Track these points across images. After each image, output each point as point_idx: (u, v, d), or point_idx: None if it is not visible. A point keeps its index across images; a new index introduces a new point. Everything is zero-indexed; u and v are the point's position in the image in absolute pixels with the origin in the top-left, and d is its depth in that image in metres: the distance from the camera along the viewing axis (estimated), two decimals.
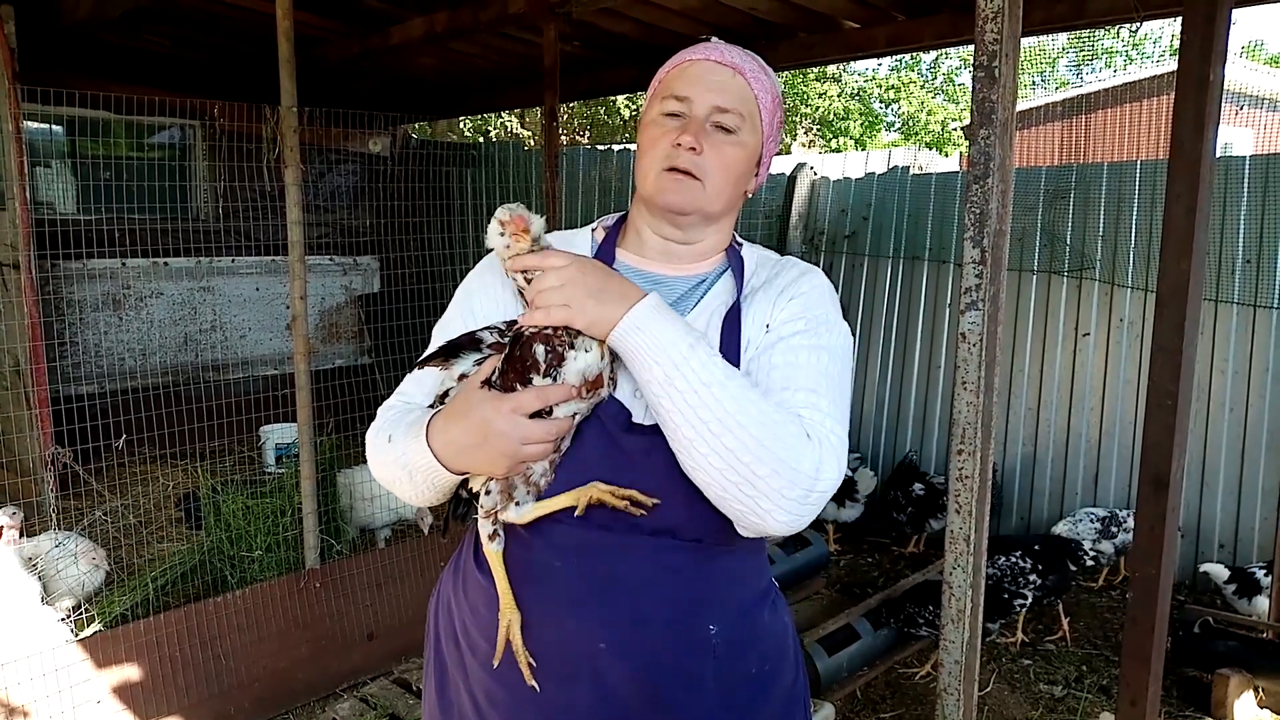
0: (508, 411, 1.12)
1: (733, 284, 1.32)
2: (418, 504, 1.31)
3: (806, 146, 16.34)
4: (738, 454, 1.09)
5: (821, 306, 1.28)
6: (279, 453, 5.51)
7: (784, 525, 1.13)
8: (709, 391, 1.09)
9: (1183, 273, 2.50)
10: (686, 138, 1.24)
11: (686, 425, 1.10)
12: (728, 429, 1.08)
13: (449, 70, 6.20)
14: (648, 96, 1.36)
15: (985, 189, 1.72)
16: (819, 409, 1.17)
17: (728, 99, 1.26)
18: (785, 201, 6.24)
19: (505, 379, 1.15)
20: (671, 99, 1.27)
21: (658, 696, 1.22)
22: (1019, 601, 3.78)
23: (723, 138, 1.26)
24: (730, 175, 1.28)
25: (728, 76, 1.27)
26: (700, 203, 1.27)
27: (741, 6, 4.33)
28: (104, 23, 4.82)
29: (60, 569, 3.50)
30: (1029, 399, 5.32)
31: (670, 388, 1.11)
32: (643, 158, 1.29)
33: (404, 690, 3.50)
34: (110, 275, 6.20)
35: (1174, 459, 2.52)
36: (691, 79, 1.28)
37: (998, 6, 1.68)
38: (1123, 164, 5.04)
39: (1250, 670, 3.41)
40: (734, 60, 1.28)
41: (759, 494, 1.10)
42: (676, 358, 1.11)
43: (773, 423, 1.10)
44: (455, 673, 1.35)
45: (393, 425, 1.26)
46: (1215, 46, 2.43)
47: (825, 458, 1.12)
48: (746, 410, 1.10)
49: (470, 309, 1.33)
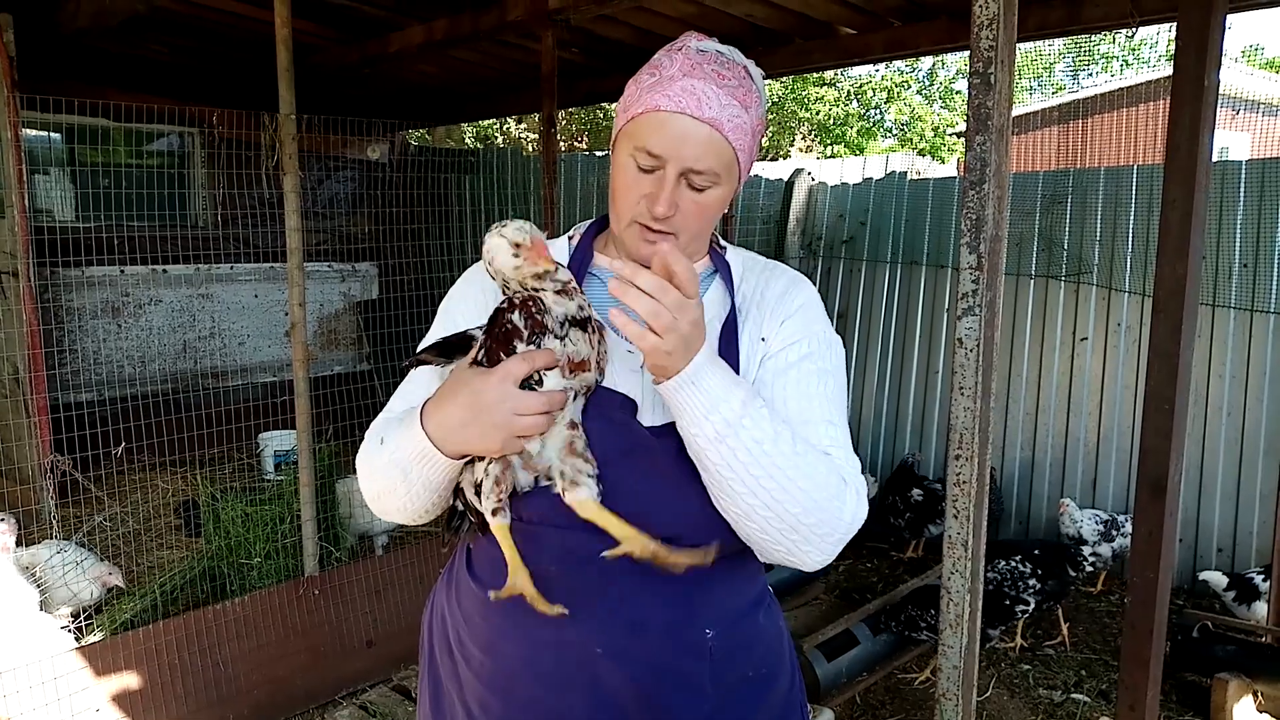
0: (496, 381, 1.11)
1: (723, 291, 1.32)
2: (412, 517, 1.27)
3: (804, 152, 16.38)
4: (786, 505, 1.12)
5: (820, 322, 1.30)
6: (278, 460, 5.51)
7: (817, 564, 1.18)
8: (760, 448, 1.11)
9: (1179, 277, 2.50)
10: (660, 208, 1.19)
11: (736, 480, 1.12)
12: (778, 484, 1.11)
13: (447, 77, 6.21)
14: (617, 120, 1.28)
15: (981, 194, 1.72)
16: (838, 444, 1.21)
17: (704, 161, 1.19)
18: (783, 207, 6.26)
19: (490, 353, 1.15)
20: (644, 152, 1.19)
21: (655, 702, 1.22)
22: (1020, 608, 3.78)
23: (697, 195, 1.22)
24: (706, 220, 1.26)
25: (704, 136, 1.18)
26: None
27: (739, 13, 4.35)
28: (103, 31, 4.83)
29: (65, 577, 3.50)
30: (1027, 404, 5.33)
31: (721, 445, 1.11)
32: (615, 197, 1.25)
33: (403, 698, 3.50)
34: (109, 283, 6.20)
35: (1172, 463, 2.52)
36: (666, 139, 1.18)
37: (993, 13, 1.68)
38: (1119, 169, 5.05)
39: (1249, 674, 3.41)
40: (711, 115, 1.18)
41: (801, 539, 1.15)
42: (730, 416, 1.10)
43: (818, 474, 1.14)
44: (449, 685, 1.34)
45: (383, 430, 1.25)
46: (1210, 51, 2.45)
47: (858, 500, 1.18)
48: (796, 465, 1.12)
49: (454, 324, 1.33)
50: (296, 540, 3.65)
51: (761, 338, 1.27)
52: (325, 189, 7.53)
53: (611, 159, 1.29)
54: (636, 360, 1.25)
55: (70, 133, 6.07)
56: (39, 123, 6.06)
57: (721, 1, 4.20)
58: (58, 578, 3.49)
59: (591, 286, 1.32)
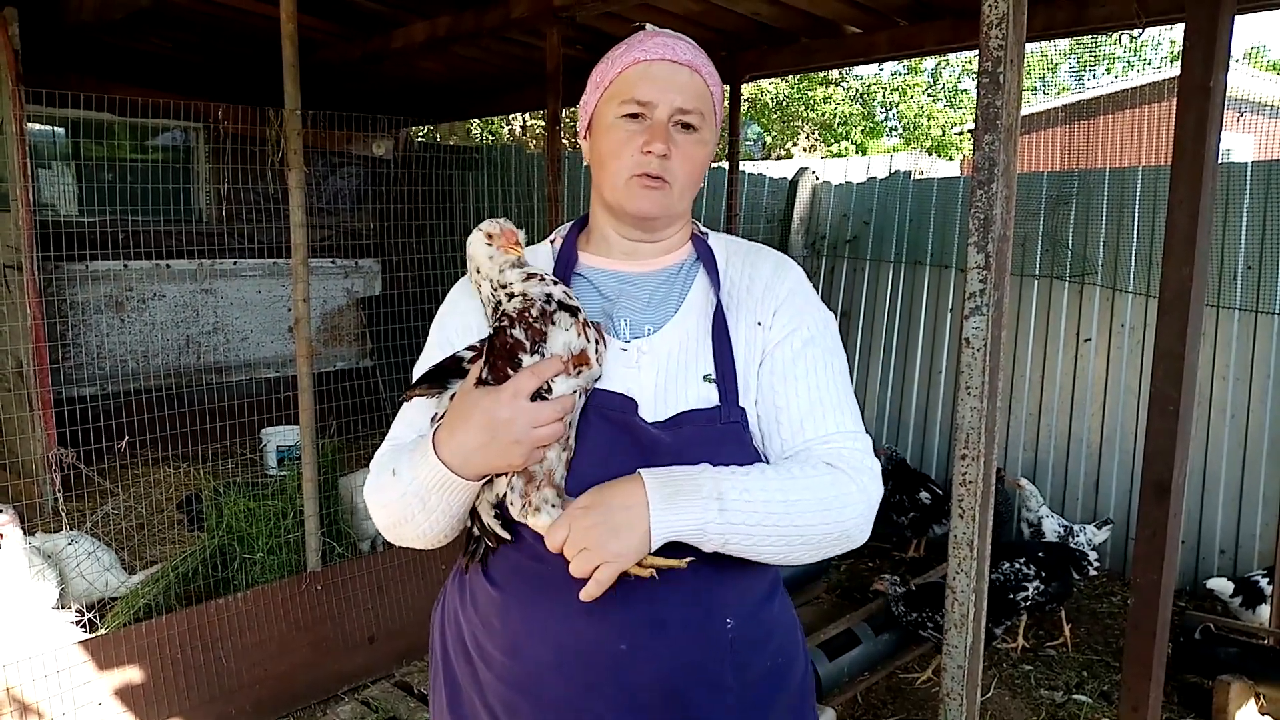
0: (508, 399, 1.12)
1: (707, 282, 1.33)
2: (430, 543, 1.27)
3: (808, 151, 16.36)
4: (806, 541, 1.18)
5: (811, 303, 1.34)
6: (280, 455, 5.51)
7: (858, 543, 1.24)
8: (759, 527, 1.15)
9: (1185, 278, 2.50)
10: (658, 145, 1.24)
11: (753, 553, 1.17)
12: (792, 535, 1.17)
13: (451, 74, 6.21)
14: (592, 95, 1.34)
15: (990, 194, 1.72)
16: (847, 431, 1.25)
17: (689, 100, 1.26)
18: (787, 206, 6.25)
19: (495, 371, 1.15)
20: (632, 102, 1.26)
21: (679, 697, 1.22)
22: (1021, 595, 3.77)
23: (686, 137, 1.27)
24: (696, 175, 1.30)
25: (686, 76, 1.27)
26: (670, 206, 1.29)
27: (744, 11, 4.34)
28: (107, 25, 4.83)
29: (79, 566, 3.51)
30: (1030, 404, 5.32)
31: (725, 545, 1.15)
32: (606, 164, 1.29)
33: (405, 693, 3.50)
34: (113, 277, 6.21)
35: (1176, 465, 2.52)
36: (652, 81, 1.26)
37: (1002, 12, 1.68)
38: (1124, 169, 5.05)
39: (1251, 677, 3.41)
40: (689, 58, 1.28)
41: (828, 549, 1.22)
42: (713, 530, 1.13)
43: (822, 497, 1.18)
44: (468, 687, 1.32)
45: (393, 460, 1.25)
46: (1218, 53, 2.44)
47: (872, 486, 1.22)
48: (800, 511, 1.16)
49: (446, 339, 1.34)
50: (299, 536, 3.66)
51: (758, 322, 1.30)
52: (329, 185, 7.54)
53: (592, 138, 1.33)
54: (631, 358, 1.26)
55: (74, 127, 6.07)
56: (43, 117, 6.07)
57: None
58: (73, 568, 3.50)
59: (579, 287, 1.33)
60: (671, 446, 1.19)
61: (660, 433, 1.21)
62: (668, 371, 1.25)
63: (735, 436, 1.24)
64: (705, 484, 1.14)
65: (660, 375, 1.25)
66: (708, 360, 1.26)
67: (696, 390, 1.24)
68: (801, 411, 1.25)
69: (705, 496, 1.13)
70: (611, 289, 1.33)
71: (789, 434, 1.25)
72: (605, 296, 1.33)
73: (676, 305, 1.31)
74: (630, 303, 1.32)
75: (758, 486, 1.15)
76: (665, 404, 1.23)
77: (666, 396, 1.24)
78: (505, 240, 1.20)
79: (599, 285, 1.34)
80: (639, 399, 1.23)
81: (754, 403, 1.27)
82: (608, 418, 1.21)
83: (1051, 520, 4.48)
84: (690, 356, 1.26)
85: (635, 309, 1.31)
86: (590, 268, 1.35)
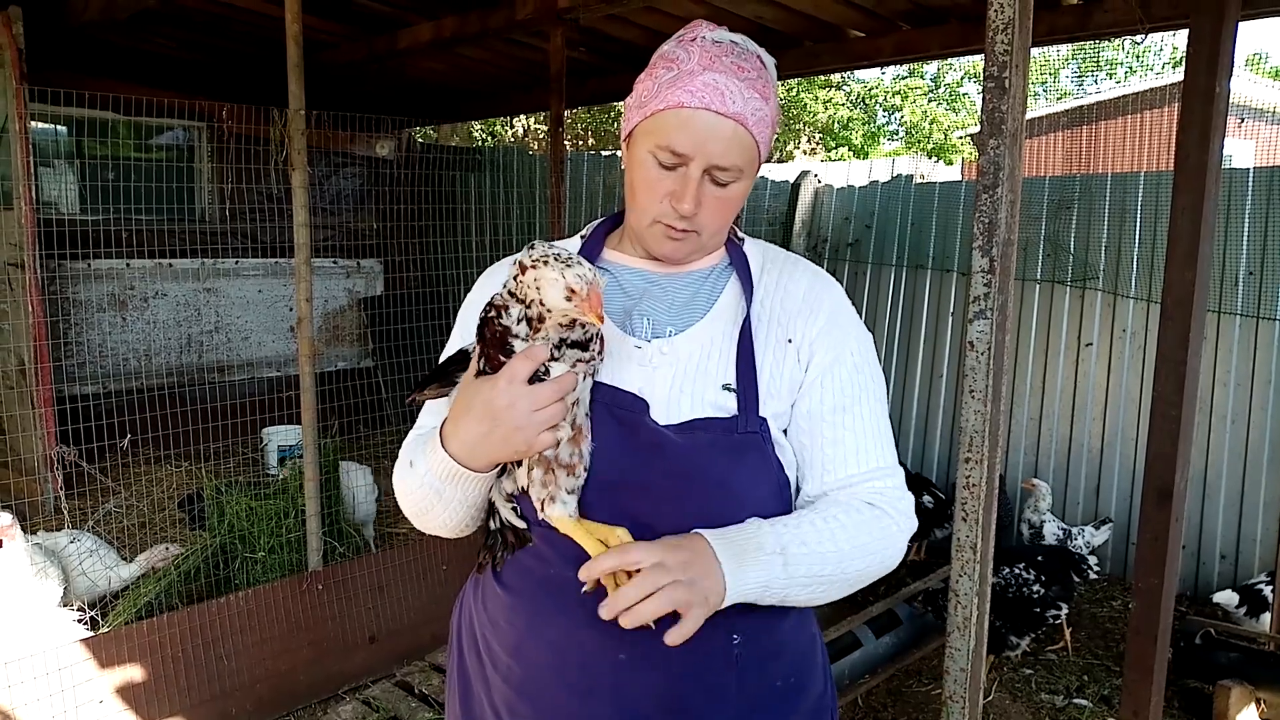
0: (504, 385, 1.09)
1: (738, 290, 1.29)
2: (455, 532, 1.27)
3: (809, 154, 16.37)
4: (853, 584, 1.22)
5: (851, 324, 1.30)
6: (282, 454, 5.52)
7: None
8: (817, 578, 1.17)
9: (1188, 283, 2.51)
10: (685, 205, 1.18)
11: (803, 602, 1.20)
12: (842, 580, 1.19)
13: (455, 75, 6.21)
14: (634, 114, 1.23)
15: (995, 199, 1.72)
16: (888, 468, 1.26)
17: (729, 157, 1.17)
18: (789, 209, 6.26)
19: (490, 360, 1.14)
20: (668, 151, 1.17)
21: (680, 709, 1.20)
22: (1051, 613, 3.79)
23: (720, 191, 1.20)
24: (728, 216, 1.24)
25: (729, 131, 1.16)
26: (696, 250, 1.27)
27: (748, 15, 4.35)
28: (111, 24, 4.83)
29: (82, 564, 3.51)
30: (1031, 409, 5.32)
31: (784, 598, 1.17)
32: (635, 193, 1.23)
33: (406, 693, 3.50)
34: (115, 276, 6.21)
35: (1178, 470, 2.53)
36: (691, 136, 1.15)
37: (1008, 17, 1.69)
38: (1126, 174, 5.06)
39: (1252, 681, 3.41)
40: (736, 110, 1.15)
41: (874, 576, 1.24)
42: (777, 585, 1.14)
43: (870, 543, 1.20)
44: (478, 685, 1.32)
45: (411, 451, 1.26)
46: (1221, 59, 2.45)
47: (907, 524, 1.25)
48: (852, 557, 1.19)
49: (468, 330, 1.31)
50: (300, 535, 3.66)
51: (788, 339, 1.26)
52: (331, 185, 7.54)
53: (626, 155, 1.26)
54: (645, 357, 1.23)
55: (77, 126, 6.07)
56: (47, 115, 6.07)
57: (731, 2, 4.20)
58: (75, 566, 3.50)
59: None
60: (683, 450, 1.17)
61: (668, 435, 1.18)
62: (685, 375, 1.22)
63: (755, 446, 1.21)
64: (766, 540, 1.13)
65: (677, 378, 1.22)
66: (729, 369, 1.23)
67: (714, 397, 1.21)
68: (846, 449, 1.24)
69: (769, 553, 1.13)
70: (636, 287, 1.30)
71: (833, 467, 1.24)
72: (628, 294, 1.30)
73: (704, 310, 1.28)
74: (654, 303, 1.28)
75: (814, 539, 1.16)
76: (679, 407, 1.20)
77: (681, 400, 1.21)
78: (592, 305, 1.08)
79: (624, 282, 1.31)
80: (651, 400, 1.20)
81: (785, 428, 1.26)
82: (618, 416, 1.19)
83: (1051, 524, 4.48)
84: (711, 363, 1.23)
85: (659, 309, 1.28)
86: (615, 264, 1.32)
